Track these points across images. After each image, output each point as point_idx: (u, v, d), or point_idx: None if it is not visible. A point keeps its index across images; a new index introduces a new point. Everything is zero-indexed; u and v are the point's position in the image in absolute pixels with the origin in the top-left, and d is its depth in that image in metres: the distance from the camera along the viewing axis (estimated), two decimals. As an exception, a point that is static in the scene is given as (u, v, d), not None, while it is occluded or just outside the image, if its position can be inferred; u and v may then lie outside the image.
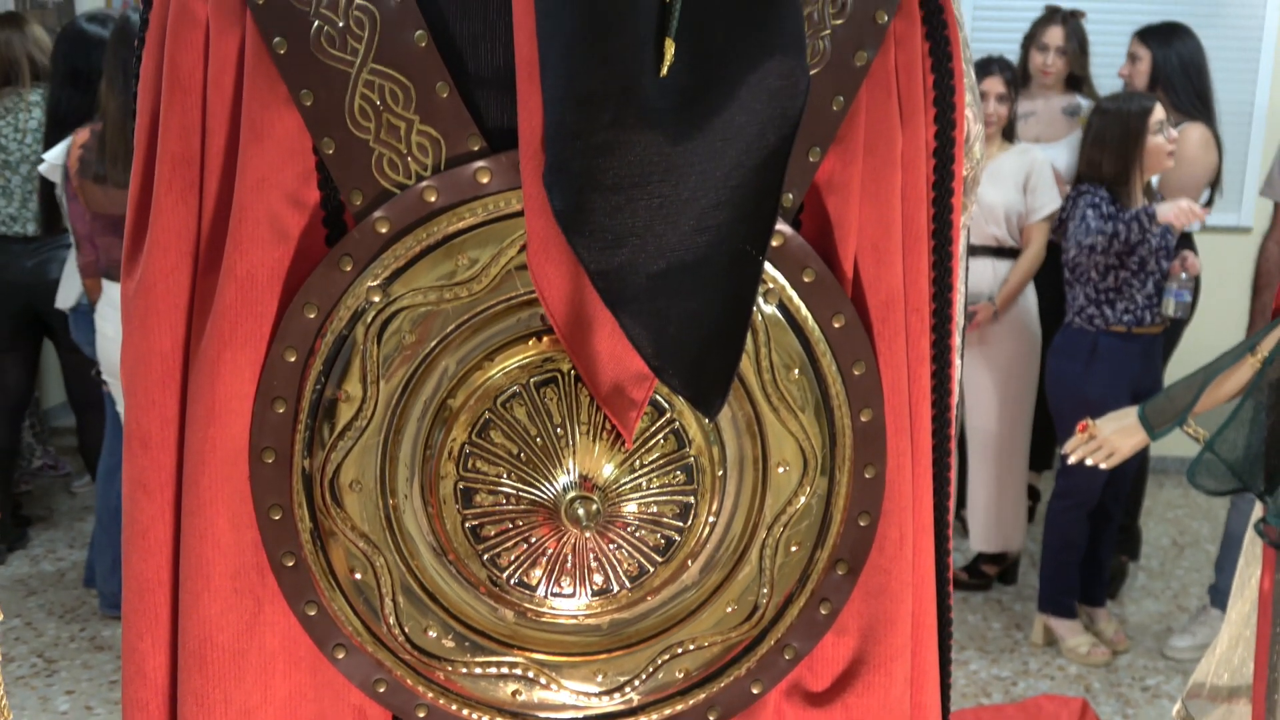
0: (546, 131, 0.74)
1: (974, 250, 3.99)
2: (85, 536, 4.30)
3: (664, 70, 0.74)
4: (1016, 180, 3.92)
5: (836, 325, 0.86)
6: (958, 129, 0.89)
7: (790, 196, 0.84)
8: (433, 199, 0.81)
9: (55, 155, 3.46)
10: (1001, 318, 3.96)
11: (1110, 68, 4.59)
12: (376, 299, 0.82)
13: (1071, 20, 4.41)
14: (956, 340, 0.95)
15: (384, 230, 0.81)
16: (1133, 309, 3.58)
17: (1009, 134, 4.06)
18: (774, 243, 0.83)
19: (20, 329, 4.07)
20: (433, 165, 0.81)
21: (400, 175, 0.81)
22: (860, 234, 0.86)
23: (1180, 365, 3.95)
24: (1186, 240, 4.07)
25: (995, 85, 3.93)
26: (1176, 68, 4.13)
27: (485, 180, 0.81)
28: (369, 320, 0.82)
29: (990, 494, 4.12)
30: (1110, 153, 3.55)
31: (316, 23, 0.80)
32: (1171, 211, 3.56)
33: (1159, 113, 3.55)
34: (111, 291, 3.38)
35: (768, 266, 0.84)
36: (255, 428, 0.83)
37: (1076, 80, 4.50)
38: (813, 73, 0.82)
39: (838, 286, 0.86)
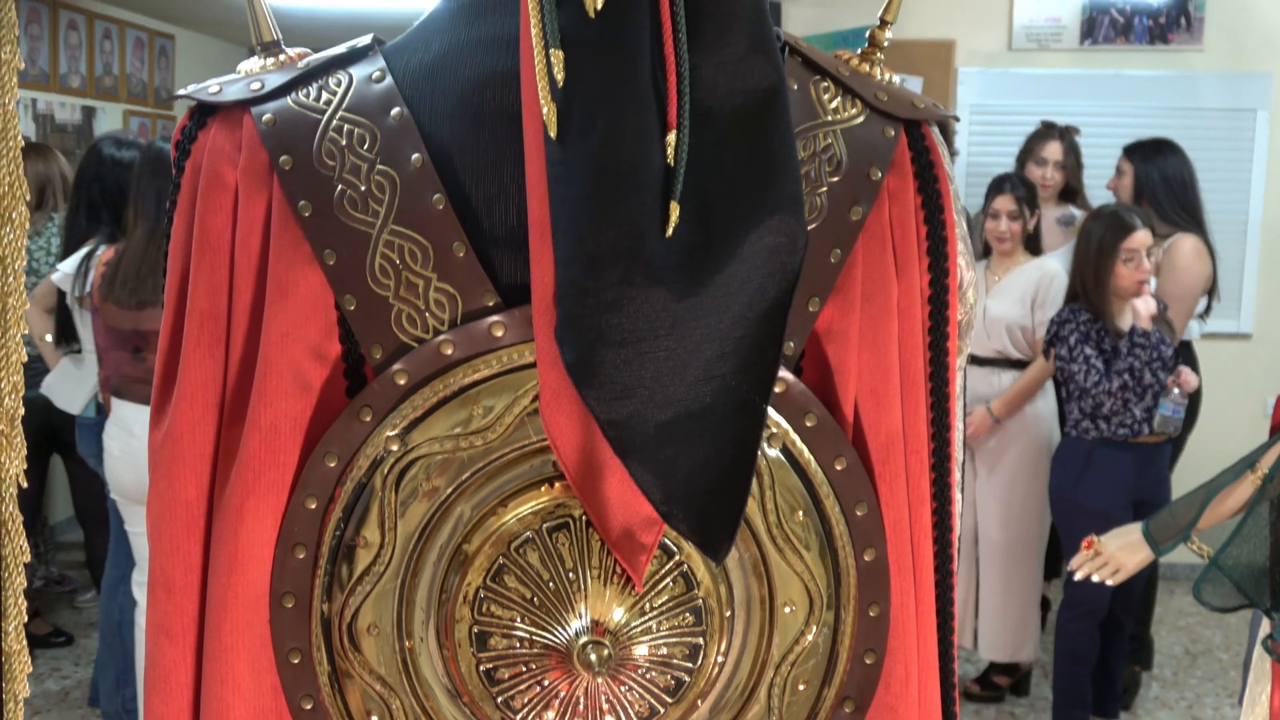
0: (558, 289, 0.78)
1: (979, 361, 4.03)
2: (91, 654, 4.28)
3: (669, 231, 0.78)
4: (1024, 294, 3.97)
5: (839, 468, 0.89)
6: (951, 277, 0.93)
7: (791, 345, 0.88)
8: (449, 352, 0.84)
9: (68, 266, 3.57)
10: (1007, 425, 3.98)
11: (1101, 179, 4.69)
12: (395, 448, 0.85)
13: (1068, 135, 4.53)
14: (956, 476, 0.98)
15: (402, 382, 0.84)
16: (1129, 422, 3.59)
17: (1034, 246, 4.13)
18: (777, 389, 0.87)
19: (37, 443, 4.12)
20: (449, 320, 0.85)
21: (418, 330, 0.85)
22: (859, 379, 0.89)
23: (1183, 472, 3.96)
24: (1186, 348, 4.11)
25: (1006, 204, 4.01)
26: (1158, 182, 4.24)
27: (500, 334, 0.84)
28: (387, 469, 0.85)
29: (1000, 603, 4.10)
30: (1089, 271, 3.60)
31: (340, 187, 0.84)
32: (1142, 308, 3.58)
33: (1134, 240, 3.57)
34: (120, 410, 3.43)
35: (771, 412, 0.87)
36: (276, 573, 0.86)
37: (1071, 191, 4.61)
38: (811, 228, 0.86)
39: (839, 430, 0.89)
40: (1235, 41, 5.68)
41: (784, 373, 0.87)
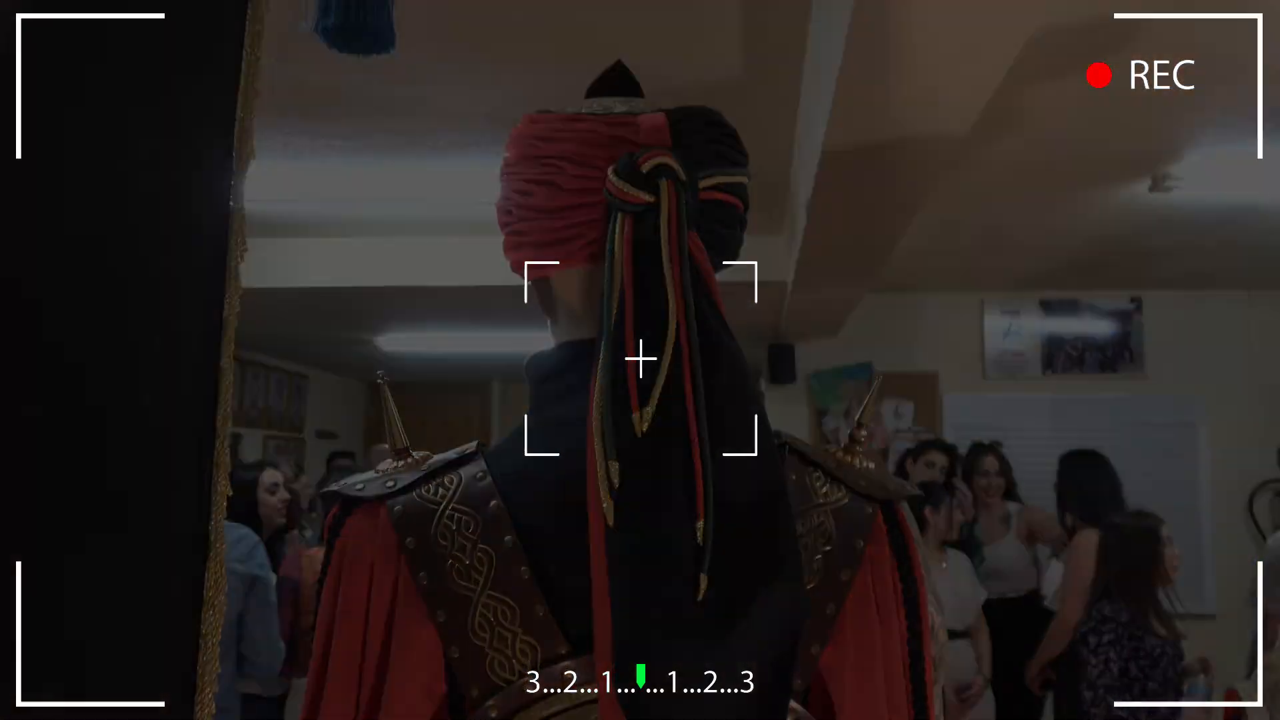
0: (615, 644, 0.85)
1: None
2: None
3: (700, 596, 0.86)
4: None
5: (838, 781, 0.92)
6: (923, 623, 0.99)
7: (799, 682, 0.94)
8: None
9: None
10: None
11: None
12: (499, 773, 0.90)
13: (997, 448, 4.79)
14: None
15: (494, 715, 0.90)
16: (1164, 715, 3.42)
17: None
18: (789, 718, 0.92)
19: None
20: (531, 664, 0.91)
21: (507, 673, 0.92)
22: (854, 708, 0.94)
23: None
24: None
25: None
26: (1072, 486, 4.34)
27: (571, 675, 0.91)
28: (481, 788, 0.90)
29: None
30: (1139, 569, 3.49)
31: (450, 560, 0.94)
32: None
33: (1167, 529, 3.58)
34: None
35: (784, 736, 0.92)
36: None
37: (1009, 492, 4.77)
38: (810, 587, 0.94)
39: None
40: (1172, 369, 5.83)
41: (795, 705, 0.93)
